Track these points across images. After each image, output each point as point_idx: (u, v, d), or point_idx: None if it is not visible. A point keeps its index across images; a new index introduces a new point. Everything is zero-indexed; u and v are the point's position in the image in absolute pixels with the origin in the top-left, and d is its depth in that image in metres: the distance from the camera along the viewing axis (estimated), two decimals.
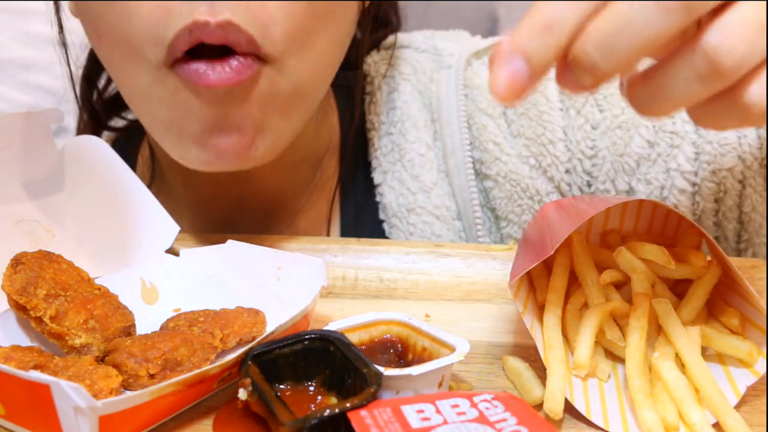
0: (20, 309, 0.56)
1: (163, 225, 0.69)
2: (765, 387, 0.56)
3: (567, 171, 0.82)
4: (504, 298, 0.70)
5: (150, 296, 0.65)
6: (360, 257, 0.75)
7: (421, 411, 0.47)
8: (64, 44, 0.83)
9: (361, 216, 0.86)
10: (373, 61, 0.88)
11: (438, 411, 0.47)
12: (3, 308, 0.58)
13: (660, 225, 0.65)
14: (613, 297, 0.59)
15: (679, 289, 0.60)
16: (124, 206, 0.70)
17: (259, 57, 0.63)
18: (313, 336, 0.54)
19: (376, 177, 0.85)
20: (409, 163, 0.83)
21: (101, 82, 0.90)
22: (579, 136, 0.80)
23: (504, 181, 0.82)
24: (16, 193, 0.68)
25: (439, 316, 0.67)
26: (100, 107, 0.90)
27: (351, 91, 0.85)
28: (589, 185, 0.82)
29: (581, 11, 0.41)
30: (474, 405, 0.48)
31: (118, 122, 0.93)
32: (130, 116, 0.93)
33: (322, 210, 0.86)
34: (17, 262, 0.58)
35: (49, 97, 1.32)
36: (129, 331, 0.58)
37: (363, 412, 0.47)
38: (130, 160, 0.90)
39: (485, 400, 0.49)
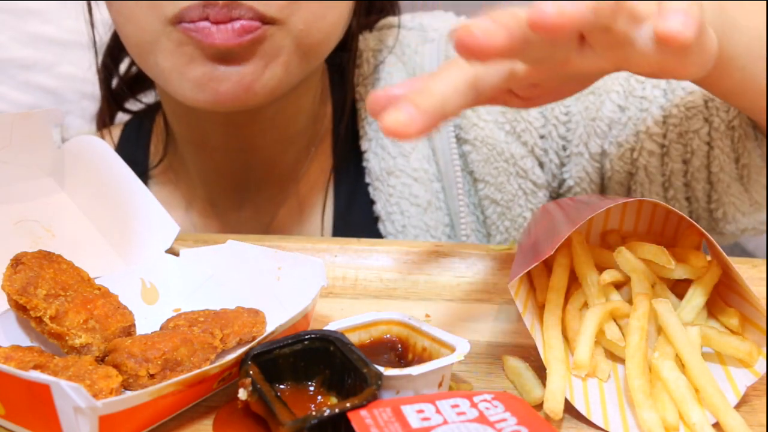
0: (20, 309, 0.56)
1: (163, 225, 0.69)
2: (765, 387, 0.56)
3: (542, 137, 0.87)
4: (504, 298, 0.70)
5: (150, 296, 0.65)
6: (360, 257, 0.75)
7: (421, 411, 0.47)
8: (94, 42, 0.93)
9: (351, 182, 0.93)
10: (364, 38, 0.95)
11: (438, 411, 0.47)
12: (3, 308, 0.58)
13: (660, 225, 0.65)
14: (613, 297, 0.59)
15: (679, 289, 0.60)
16: (124, 206, 0.70)
17: (265, 20, 0.71)
18: (313, 336, 0.54)
19: (363, 144, 0.92)
20: None
21: (122, 67, 0.99)
22: (553, 103, 0.85)
23: (481, 145, 0.87)
24: (16, 193, 0.68)
25: (439, 316, 0.67)
26: (120, 88, 1.00)
27: (343, 69, 0.93)
28: (564, 149, 0.88)
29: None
30: (474, 405, 0.48)
31: (134, 105, 1.02)
32: (144, 99, 1.01)
33: (319, 178, 0.93)
34: (17, 262, 0.58)
35: (49, 97, 1.32)
36: (129, 331, 0.58)
37: (363, 412, 0.47)
38: (146, 134, 0.98)
39: (485, 400, 0.49)
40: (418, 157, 0.89)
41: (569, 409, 0.53)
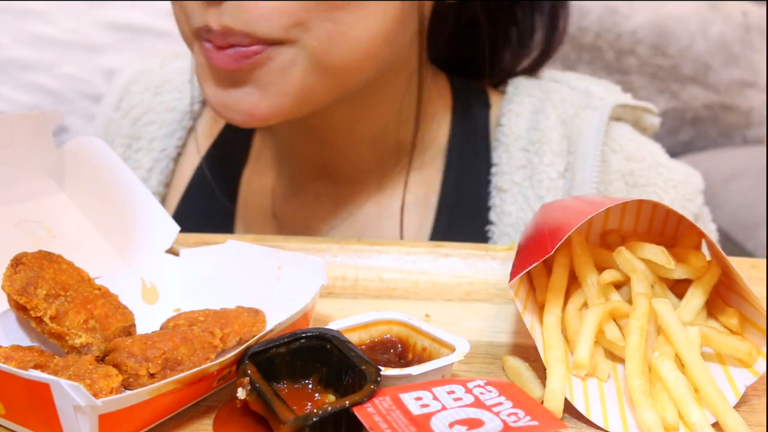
0: (20, 309, 0.56)
1: (163, 225, 0.69)
2: (765, 387, 0.56)
3: None
4: (504, 298, 0.70)
5: (150, 296, 0.65)
6: (360, 257, 0.75)
7: (419, 398, 0.48)
8: None
9: (459, 211, 0.90)
10: (527, 82, 0.95)
11: (435, 398, 0.48)
12: (3, 308, 0.58)
13: (660, 225, 0.65)
14: (613, 297, 0.59)
15: (679, 289, 0.61)
16: (124, 207, 0.70)
17: (269, 42, 0.72)
18: (309, 334, 0.54)
19: (503, 182, 0.89)
20: (538, 183, 0.88)
21: None
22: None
23: None
24: (16, 193, 0.68)
25: (439, 316, 0.67)
26: None
27: (469, 98, 0.94)
28: None
29: None
30: (468, 390, 0.49)
31: None
32: None
33: (410, 190, 0.90)
34: (17, 262, 0.58)
35: (49, 97, 1.32)
36: (129, 330, 0.58)
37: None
38: None
39: (479, 386, 0.49)
40: None
41: (569, 408, 0.53)
